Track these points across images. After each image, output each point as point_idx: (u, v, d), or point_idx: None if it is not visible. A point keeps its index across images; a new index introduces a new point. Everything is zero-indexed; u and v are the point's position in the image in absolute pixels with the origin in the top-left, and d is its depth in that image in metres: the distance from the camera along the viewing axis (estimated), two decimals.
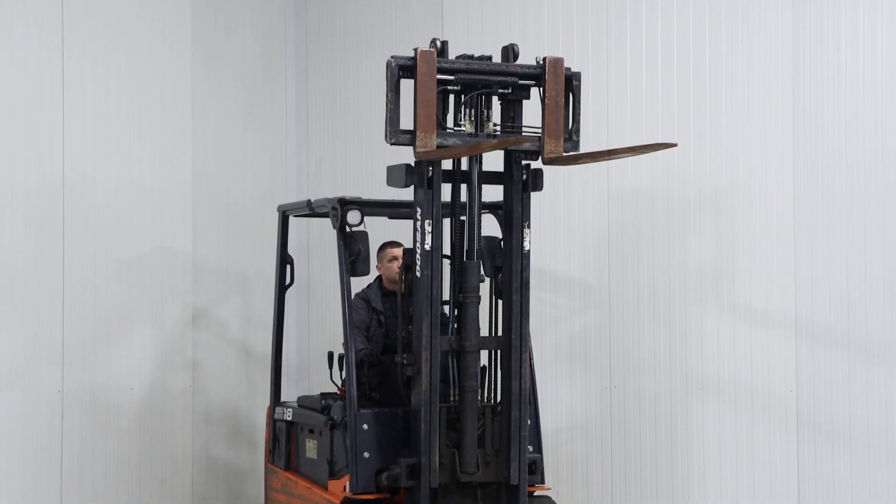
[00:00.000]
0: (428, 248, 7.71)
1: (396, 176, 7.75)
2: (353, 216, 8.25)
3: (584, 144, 7.92)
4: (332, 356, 8.54)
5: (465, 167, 7.92)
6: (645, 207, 9.50)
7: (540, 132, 7.70)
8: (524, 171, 7.89)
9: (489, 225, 8.27)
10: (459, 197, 7.98)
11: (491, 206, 8.30)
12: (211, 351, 10.27)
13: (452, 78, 7.71)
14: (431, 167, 7.67)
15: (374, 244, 8.55)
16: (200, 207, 10.20)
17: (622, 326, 9.60)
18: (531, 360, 8.08)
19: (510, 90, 7.85)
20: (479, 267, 7.89)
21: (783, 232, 8.99)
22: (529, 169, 7.92)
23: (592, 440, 9.67)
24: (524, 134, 7.82)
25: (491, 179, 7.98)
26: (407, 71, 7.58)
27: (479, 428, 7.83)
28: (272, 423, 9.27)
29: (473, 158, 7.83)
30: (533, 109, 7.82)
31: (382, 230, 9.23)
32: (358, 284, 8.54)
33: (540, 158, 7.72)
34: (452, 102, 7.82)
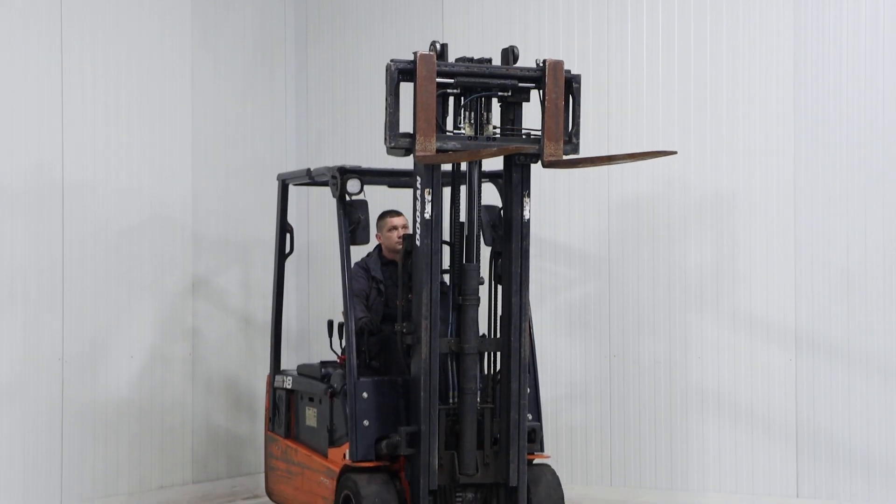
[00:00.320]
0: (428, 216, 7.70)
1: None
2: (352, 185, 8.24)
3: (584, 146, 7.91)
4: (331, 325, 8.55)
5: (464, 167, 7.94)
6: (646, 181, 9.51)
7: (540, 135, 7.68)
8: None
9: (489, 194, 8.26)
10: (459, 195, 7.99)
11: (491, 174, 8.29)
12: (211, 320, 10.28)
13: (452, 81, 7.67)
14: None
15: (373, 213, 8.55)
16: (200, 176, 10.19)
17: (622, 295, 9.61)
18: (531, 328, 8.09)
19: (510, 93, 7.79)
20: (478, 269, 7.90)
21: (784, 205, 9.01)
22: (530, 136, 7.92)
23: (592, 408, 9.69)
24: (524, 136, 7.79)
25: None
26: (406, 75, 7.54)
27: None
28: (272, 391, 9.29)
29: (473, 161, 7.84)
30: (533, 111, 7.81)
31: (382, 199, 9.22)
32: (358, 253, 8.54)
33: (540, 162, 7.71)
34: (452, 105, 7.80)
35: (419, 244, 7.72)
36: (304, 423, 8.82)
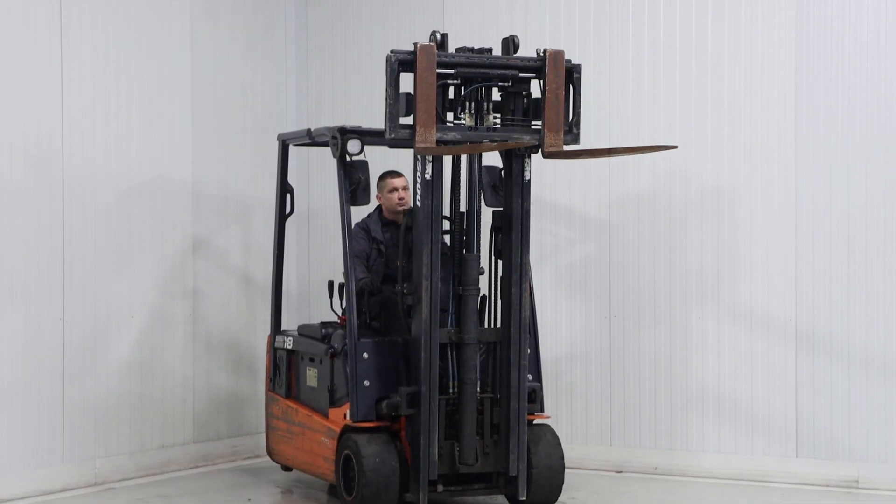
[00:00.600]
0: (428, 177, 7.70)
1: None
2: (353, 145, 8.23)
3: (584, 137, 7.90)
4: (332, 285, 8.57)
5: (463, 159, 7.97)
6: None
7: (540, 125, 7.66)
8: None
9: (490, 156, 8.26)
10: (460, 185, 7.97)
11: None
12: (211, 280, 10.28)
13: (452, 72, 7.66)
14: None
15: (374, 174, 8.55)
16: (200, 136, 10.16)
17: (622, 256, 9.62)
18: (531, 289, 8.10)
19: (510, 83, 7.78)
20: (478, 259, 7.91)
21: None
22: (530, 98, 7.91)
23: (592, 369, 9.72)
24: (523, 126, 7.77)
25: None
26: (406, 65, 7.53)
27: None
28: (273, 351, 9.31)
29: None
30: (533, 101, 7.80)
31: (383, 160, 9.21)
32: (358, 214, 8.54)
33: (540, 152, 7.70)
34: (452, 95, 7.77)
35: (420, 204, 7.73)
36: (304, 383, 8.84)
